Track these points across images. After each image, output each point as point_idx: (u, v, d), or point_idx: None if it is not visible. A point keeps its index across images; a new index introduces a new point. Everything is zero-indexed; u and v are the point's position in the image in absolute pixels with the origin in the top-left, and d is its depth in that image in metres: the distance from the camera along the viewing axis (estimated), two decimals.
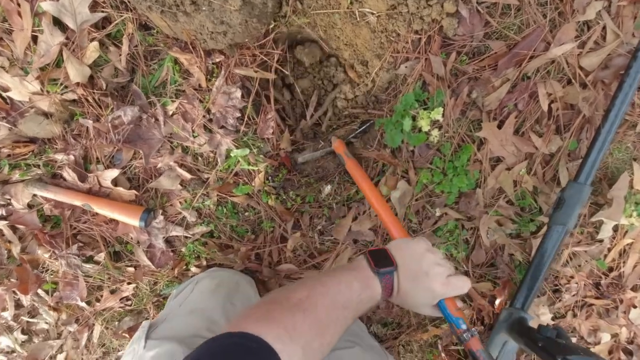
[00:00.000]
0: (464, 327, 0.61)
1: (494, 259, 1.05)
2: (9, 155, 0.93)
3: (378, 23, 0.88)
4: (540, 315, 1.07)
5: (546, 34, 0.88)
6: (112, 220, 0.98)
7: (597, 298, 1.08)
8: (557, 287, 1.07)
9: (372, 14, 0.86)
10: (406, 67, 0.91)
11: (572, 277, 1.06)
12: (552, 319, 1.09)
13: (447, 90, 0.92)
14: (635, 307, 1.08)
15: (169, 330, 0.81)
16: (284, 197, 0.99)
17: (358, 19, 0.88)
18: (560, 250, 1.02)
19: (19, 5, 0.83)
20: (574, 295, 1.07)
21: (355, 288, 0.57)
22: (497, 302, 1.05)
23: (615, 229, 1.02)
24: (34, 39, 0.85)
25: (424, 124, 0.92)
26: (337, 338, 0.54)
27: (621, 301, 1.07)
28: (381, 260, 0.61)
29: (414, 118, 0.93)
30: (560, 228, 0.90)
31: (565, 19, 0.88)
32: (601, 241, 1.02)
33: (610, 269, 1.06)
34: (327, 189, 0.98)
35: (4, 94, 0.88)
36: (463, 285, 0.62)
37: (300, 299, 0.52)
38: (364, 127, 0.97)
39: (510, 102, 0.93)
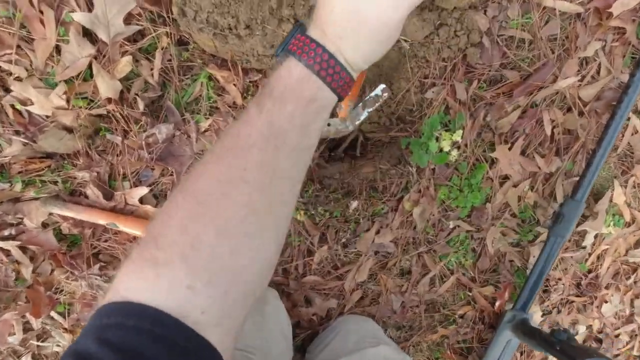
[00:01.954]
0: None
1: (497, 265, 1.16)
2: (20, 172, 0.86)
3: (410, 50, 0.93)
4: (532, 313, 1.21)
5: (555, 68, 0.98)
6: (135, 238, 0.94)
7: (577, 296, 1.24)
8: (546, 289, 1.21)
9: (406, 41, 0.91)
10: (433, 91, 0.97)
11: (559, 279, 1.20)
12: (542, 315, 1.23)
13: (467, 114, 0.99)
14: (606, 302, 1.26)
15: None
16: (313, 213, 1.01)
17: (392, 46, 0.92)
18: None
19: (41, 12, 0.77)
20: (559, 295, 1.22)
21: (262, 118, 0.35)
22: (497, 303, 1.17)
23: (596, 236, 1.17)
24: (57, 49, 0.80)
25: (445, 145, 0.99)
26: (277, 232, 0.34)
27: (596, 298, 1.24)
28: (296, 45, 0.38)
29: (436, 139, 0.99)
30: (559, 239, 1.03)
31: (570, 55, 0.99)
32: (584, 248, 1.18)
33: (590, 271, 1.22)
34: (354, 204, 1.02)
35: (19, 107, 0.82)
36: None
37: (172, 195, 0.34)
38: (381, 96, 0.83)
39: (520, 127, 1.03)
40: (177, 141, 0.90)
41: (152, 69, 0.85)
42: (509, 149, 1.03)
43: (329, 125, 0.88)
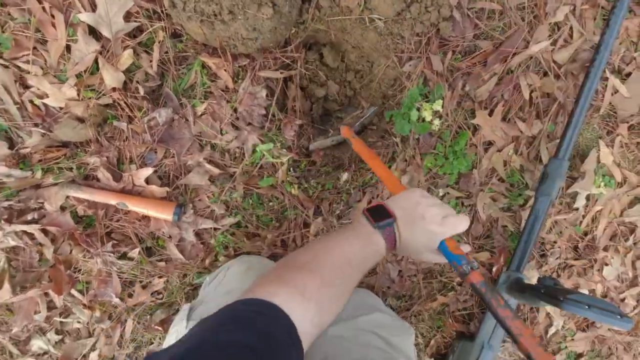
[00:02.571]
0: (464, 262, 0.60)
1: (490, 231, 1.19)
2: (40, 160, 0.96)
3: (385, 27, 1.00)
4: (531, 278, 1.23)
5: (525, 34, 1.03)
6: (144, 217, 1.03)
7: (576, 259, 1.25)
8: (543, 253, 1.23)
9: (380, 19, 0.98)
10: (410, 65, 1.04)
11: (555, 242, 1.22)
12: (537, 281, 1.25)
13: (445, 85, 1.05)
14: (607, 264, 1.26)
15: (208, 310, 0.87)
16: (306, 186, 1.08)
17: (367, 24, 1.00)
18: (545, 220, 1.18)
19: (52, 16, 0.88)
20: (557, 259, 1.24)
21: (356, 245, 0.60)
22: (495, 268, 1.20)
23: (588, 198, 1.19)
24: (67, 48, 0.90)
25: (427, 115, 1.05)
26: (347, 296, 0.57)
27: (595, 260, 1.25)
28: (379, 215, 0.64)
29: (418, 109, 1.05)
30: (545, 199, 1.06)
31: (540, 21, 1.04)
32: (577, 209, 1.20)
33: (585, 233, 1.23)
34: (345, 176, 1.08)
35: (36, 101, 0.92)
36: (460, 223, 0.64)
37: (306, 261, 0.56)
38: (369, 113, 1.06)
39: (498, 93, 1.08)
40: (177, 125, 0.99)
41: (151, 61, 0.94)
42: (489, 114, 1.08)
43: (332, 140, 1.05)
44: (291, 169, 1.07)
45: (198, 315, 0.86)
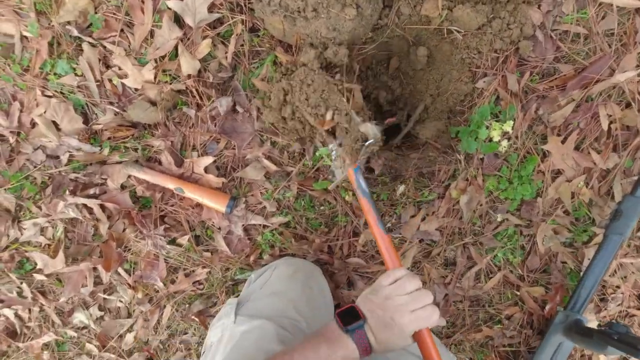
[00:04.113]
0: None
1: (548, 266, 1.12)
2: (109, 138, 0.99)
3: (463, 41, 0.97)
4: (588, 320, 1.13)
5: (611, 62, 0.98)
6: (197, 205, 1.04)
7: (638, 309, 1.15)
8: (603, 297, 1.14)
9: (459, 32, 0.96)
10: (484, 82, 1.00)
11: (618, 287, 1.13)
12: (597, 326, 1.15)
13: (518, 106, 1.01)
14: None
15: (256, 309, 0.86)
16: None
17: (445, 36, 0.97)
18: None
19: (142, 2, 0.92)
20: (618, 305, 1.14)
21: (322, 350, 0.59)
22: (548, 307, 1.12)
23: None
24: (151, 32, 0.93)
25: (495, 135, 1.01)
26: None
27: None
28: (349, 318, 0.64)
29: (486, 128, 1.01)
30: (617, 237, 0.99)
31: (628, 49, 0.98)
32: None
33: None
34: (401, 188, 1.05)
35: (115, 80, 0.96)
36: (430, 315, 0.64)
37: None
38: (370, 142, 0.82)
39: (574, 120, 1.02)
40: (240, 118, 0.99)
41: (226, 52, 0.96)
42: (562, 142, 1.02)
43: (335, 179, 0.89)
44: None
45: (246, 312, 0.84)
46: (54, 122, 0.97)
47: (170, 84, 0.95)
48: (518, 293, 1.13)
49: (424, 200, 1.06)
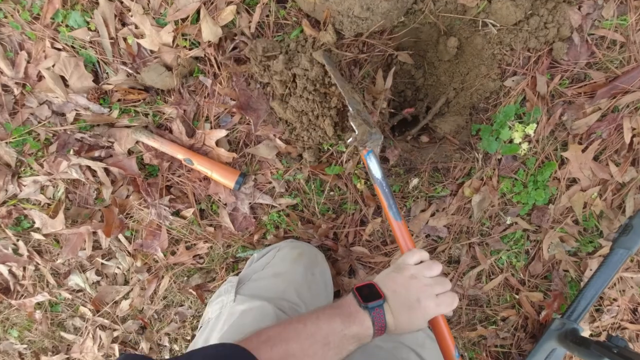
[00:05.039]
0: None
1: (549, 272, 1.12)
2: (119, 100, 0.95)
3: (496, 35, 0.93)
4: (583, 331, 1.15)
5: None
6: (205, 179, 1.01)
7: (631, 322, 1.16)
8: (599, 307, 1.15)
9: (495, 25, 0.92)
10: (513, 80, 0.97)
11: (615, 299, 1.14)
12: (590, 335, 1.17)
13: (544, 109, 0.98)
14: None
15: (257, 289, 0.85)
16: (372, 182, 1.03)
17: (479, 28, 0.93)
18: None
19: None
20: (612, 317, 1.15)
21: (337, 324, 0.57)
22: (544, 313, 1.13)
23: None
24: None
25: (517, 136, 0.98)
26: None
27: None
28: (369, 295, 0.61)
29: (509, 128, 0.99)
30: (624, 251, 0.98)
31: None
32: None
33: None
34: (415, 181, 1.03)
35: (130, 40, 0.91)
36: (452, 301, 0.63)
37: (269, 336, 0.54)
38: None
39: (598, 129, 1.00)
40: (256, 95, 0.95)
41: (250, 22, 0.91)
42: (583, 150, 1.00)
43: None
44: (361, 162, 1.02)
45: (247, 291, 0.83)
46: (62, 77, 0.92)
47: (190, 49, 0.90)
48: (517, 296, 1.13)
49: (436, 195, 1.05)
